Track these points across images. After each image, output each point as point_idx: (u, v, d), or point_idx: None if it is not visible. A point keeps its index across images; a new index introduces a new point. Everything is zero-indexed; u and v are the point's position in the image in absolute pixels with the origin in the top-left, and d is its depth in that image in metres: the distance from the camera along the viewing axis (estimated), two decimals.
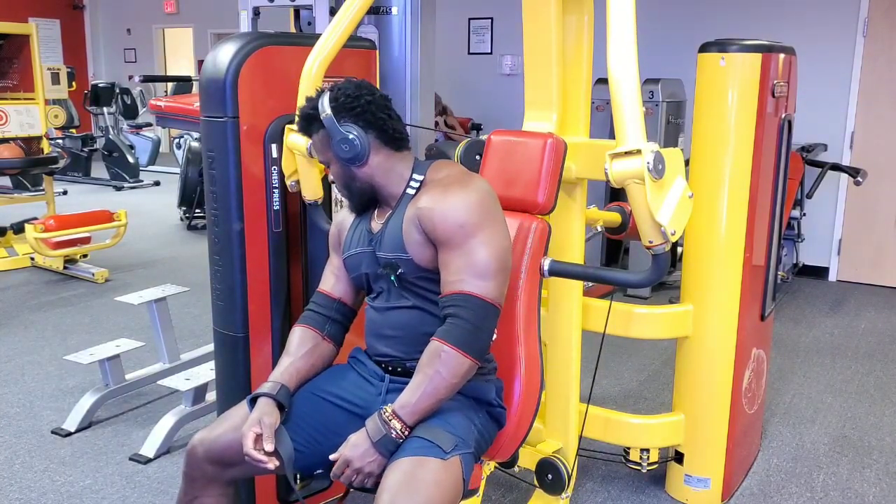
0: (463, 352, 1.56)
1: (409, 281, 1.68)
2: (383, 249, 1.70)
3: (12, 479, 2.70)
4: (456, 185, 1.64)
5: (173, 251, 6.17)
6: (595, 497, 2.65)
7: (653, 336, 2.92)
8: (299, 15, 3.75)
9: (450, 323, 1.58)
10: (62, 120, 5.83)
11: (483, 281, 1.58)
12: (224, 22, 9.52)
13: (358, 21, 2.11)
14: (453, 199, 1.61)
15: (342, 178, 1.72)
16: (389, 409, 1.56)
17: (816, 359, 4.04)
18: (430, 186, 1.68)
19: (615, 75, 1.53)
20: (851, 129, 5.49)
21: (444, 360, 1.55)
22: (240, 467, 1.70)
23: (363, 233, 1.77)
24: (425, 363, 1.57)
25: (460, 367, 1.56)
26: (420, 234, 1.64)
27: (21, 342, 4.03)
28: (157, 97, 6.48)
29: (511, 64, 6.97)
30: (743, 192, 2.40)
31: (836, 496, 2.68)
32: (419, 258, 1.65)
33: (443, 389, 1.56)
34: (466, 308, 1.57)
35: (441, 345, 1.56)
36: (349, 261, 1.79)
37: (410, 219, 1.65)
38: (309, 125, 1.71)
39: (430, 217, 1.61)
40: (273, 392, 1.67)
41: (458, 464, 1.55)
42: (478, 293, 1.57)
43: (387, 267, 1.69)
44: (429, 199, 1.63)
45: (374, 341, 1.78)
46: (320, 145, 1.71)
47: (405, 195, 1.71)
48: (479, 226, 1.59)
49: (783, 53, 2.45)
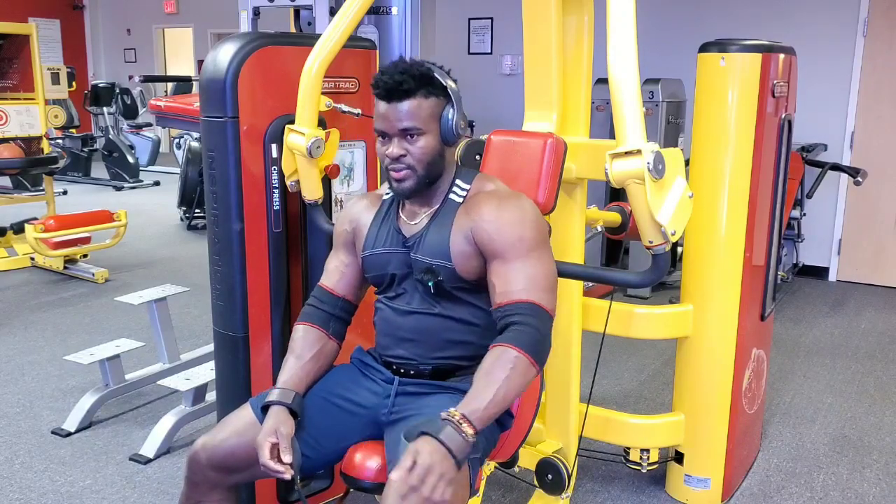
0: (531, 358, 1.52)
1: (446, 289, 1.66)
2: (422, 253, 1.66)
3: (12, 479, 2.70)
4: (512, 200, 1.65)
5: (173, 251, 6.17)
6: (595, 497, 2.65)
7: (653, 336, 2.92)
8: (299, 15, 3.75)
9: (517, 330, 1.54)
10: (62, 120, 5.83)
11: (546, 293, 1.59)
12: (224, 22, 9.51)
13: (358, 21, 2.11)
14: (512, 213, 1.62)
15: (432, 153, 1.63)
16: (457, 413, 1.44)
17: (816, 359, 4.04)
18: (482, 199, 1.66)
19: (615, 75, 1.53)
20: (851, 129, 5.49)
21: (515, 366, 1.50)
22: (243, 473, 1.69)
23: (392, 232, 1.73)
24: (494, 368, 1.50)
25: (529, 374, 1.53)
26: (470, 245, 1.63)
27: (21, 342, 4.03)
28: (157, 97, 6.47)
29: (511, 64, 6.97)
30: (743, 192, 2.40)
31: (836, 496, 2.68)
32: (462, 268, 1.64)
33: (511, 396, 1.50)
34: (535, 317, 1.55)
35: (511, 350, 1.51)
36: (372, 259, 1.74)
37: (461, 229, 1.64)
38: (419, 87, 1.59)
39: (487, 230, 1.61)
40: (287, 400, 1.64)
41: (465, 469, 1.52)
42: (542, 303, 1.57)
43: (427, 272, 1.65)
44: (486, 213, 1.62)
45: (389, 341, 1.75)
46: (423, 111, 1.60)
47: (448, 200, 1.69)
48: (537, 242, 1.62)
49: (783, 53, 2.45)
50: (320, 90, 2.07)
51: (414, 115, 1.60)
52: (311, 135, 2.03)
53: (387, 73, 1.59)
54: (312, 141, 2.03)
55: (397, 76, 1.58)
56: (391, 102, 1.60)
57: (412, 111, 1.60)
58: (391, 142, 1.62)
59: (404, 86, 1.58)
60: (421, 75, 1.60)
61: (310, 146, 2.02)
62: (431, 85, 1.61)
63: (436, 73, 1.63)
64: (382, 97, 1.61)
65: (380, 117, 1.63)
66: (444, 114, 1.63)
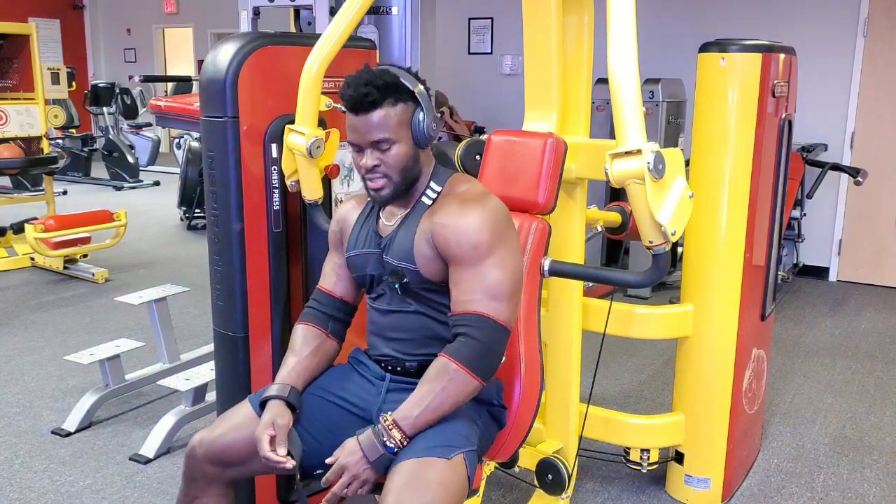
0: (472, 373, 1.55)
1: (413, 290, 1.68)
2: (391, 255, 1.68)
3: (12, 479, 2.70)
4: (472, 204, 1.62)
5: (173, 251, 6.17)
6: (595, 497, 2.65)
7: (653, 336, 2.92)
8: (299, 15, 3.76)
9: (461, 342, 1.56)
10: (62, 120, 5.83)
11: (497, 303, 1.57)
12: (224, 22, 9.51)
13: (358, 21, 2.11)
14: (469, 218, 1.59)
15: (406, 160, 1.62)
16: (390, 418, 1.54)
17: (816, 359, 4.04)
18: (446, 202, 1.65)
19: (615, 75, 1.53)
20: (851, 129, 5.49)
21: (452, 378, 1.55)
22: (240, 467, 1.70)
23: (370, 233, 1.75)
24: (432, 377, 1.56)
25: (467, 387, 1.56)
26: (431, 249, 1.63)
27: (21, 342, 4.03)
28: (157, 97, 6.47)
29: (511, 64, 6.97)
30: (743, 192, 2.40)
31: (837, 496, 2.68)
32: (426, 271, 1.64)
33: (446, 406, 1.56)
34: (479, 329, 1.56)
35: (450, 363, 1.55)
36: (353, 260, 1.77)
37: (423, 232, 1.64)
38: (385, 96, 1.57)
39: (444, 234, 1.60)
40: (283, 394, 1.66)
41: (462, 462, 1.55)
42: (491, 315, 1.57)
43: (392, 274, 1.67)
44: (445, 216, 1.62)
45: (376, 340, 1.78)
46: (392, 120, 1.58)
47: (420, 202, 1.69)
48: (494, 247, 1.58)
49: (783, 53, 2.45)
50: (320, 90, 2.07)
51: (383, 125, 1.58)
52: (311, 135, 2.03)
53: (351, 86, 1.58)
54: (312, 141, 2.03)
55: (362, 88, 1.56)
56: (359, 115, 1.58)
57: (381, 122, 1.58)
58: (364, 153, 1.62)
59: (370, 97, 1.56)
60: (386, 84, 1.57)
61: (310, 146, 2.02)
62: (398, 92, 1.59)
63: (402, 78, 1.60)
64: (350, 110, 1.59)
65: (350, 129, 1.62)
66: (413, 119, 1.61)
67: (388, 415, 1.55)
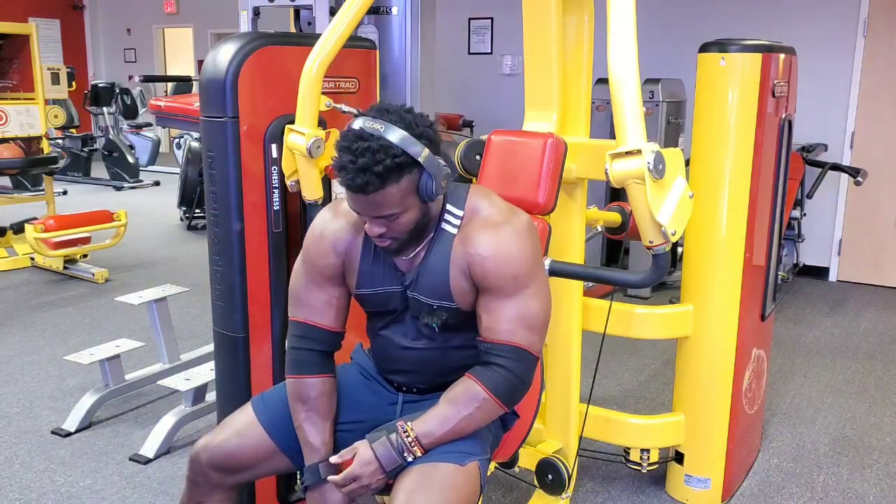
0: (502, 403, 1.54)
1: (451, 326, 1.61)
2: (421, 292, 1.58)
3: (12, 479, 2.70)
4: (505, 228, 1.54)
5: (173, 251, 6.17)
6: (595, 497, 2.65)
7: (653, 336, 2.92)
8: (299, 15, 3.75)
9: (496, 371, 1.53)
10: (62, 120, 5.82)
11: (532, 334, 1.55)
12: (224, 22, 9.50)
13: (358, 21, 2.11)
14: (507, 246, 1.52)
15: (408, 224, 1.50)
16: (413, 433, 1.50)
17: (816, 359, 4.04)
18: (477, 228, 1.55)
19: (615, 75, 1.53)
20: (851, 129, 5.49)
21: (481, 406, 1.53)
22: (244, 473, 1.70)
23: (389, 269, 1.61)
24: (461, 401, 1.52)
25: (493, 414, 1.56)
26: (468, 280, 1.55)
27: (21, 342, 4.02)
28: (157, 97, 6.47)
29: (511, 64, 6.97)
30: (743, 192, 2.40)
31: (837, 496, 2.68)
32: (463, 304, 1.58)
33: (469, 430, 1.54)
34: (515, 361, 1.53)
35: (482, 392, 1.52)
36: (370, 297, 1.64)
37: (458, 264, 1.55)
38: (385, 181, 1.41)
39: (482, 266, 1.52)
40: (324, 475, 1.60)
41: (475, 469, 1.53)
42: (527, 346, 1.54)
43: (430, 314, 1.59)
44: (482, 247, 1.52)
45: (387, 367, 1.73)
46: (395, 197, 1.44)
47: (441, 231, 1.58)
48: (532, 277, 1.55)
49: (783, 53, 2.45)
50: (320, 90, 2.07)
51: (387, 204, 1.45)
52: (311, 135, 2.03)
53: (348, 170, 1.40)
54: (312, 141, 2.03)
55: (359, 178, 1.39)
56: (358, 195, 1.43)
57: (384, 201, 1.44)
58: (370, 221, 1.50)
59: (370, 188, 1.41)
60: (386, 169, 1.40)
61: (310, 146, 2.02)
62: (400, 169, 1.42)
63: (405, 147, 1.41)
64: (350, 189, 1.43)
65: (351, 200, 1.48)
66: (420, 184, 1.46)
67: (409, 426, 1.50)
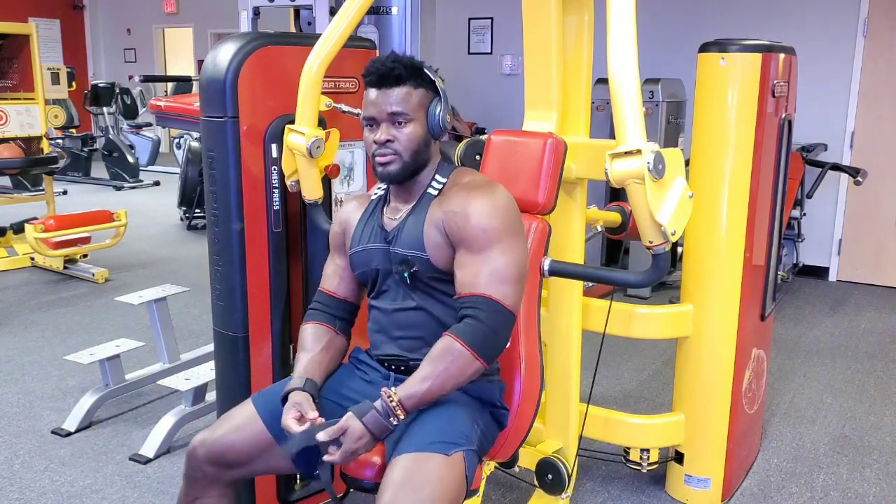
0: (475, 353, 1.56)
1: (422, 280, 1.68)
2: (400, 245, 1.69)
3: (12, 478, 2.70)
4: (481, 190, 1.66)
5: (173, 251, 6.17)
6: (595, 497, 2.65)
7: (653, 336, 2.92)
8: (299, 15, 3.76)
9: (466, 323, 1.58)
10: (62, 120, 5.82)
11: (503, 286, 1.59)
12: (224, 22, 9.51)
13: (358, 21, 2.11)
14: (478, 203, 1.63)
15: (418, 141, 1.67)
16: (395, 396, 1.54)
17: (816, 359, 4.04)
18: (454, 191, 1.69)
19: (615, 75, 1.53)
20: (851, 129, 5.49)
21: (455, 358, 1.55)
22: (241, 469, 1.71)
23: (375, 229, 1.76)
24: (436, 357, 1.57)
25: (469, 368, 1.57)
26: (442, 236, 1.65)
27: (21, 342, 4.02)
28: (157, 97, 6.47)
29: (511, 64, 6.97)
30: (743, 192, 2.40)
31: (836, 496, 2.68)
32: (436, 259, 1.66)
33: (448, 386, 1.57)
34: (485, 311, 1.57)
35: (454, 342, 1.56)
36: (357, 256, 1.78)
37: (433, 220, 1.66)
38: (409, 76, 1.65)
39: (454, 220, 1.63)
40: (301, 385, 1.67)
41: (461, 460, 1.55)
42: (497, 297, 1.58)
43: (402, 264, 1.68)
44: (454, 203, 1.65)
45: (380, 339, 1.78)
46: (412, 99, 1.65)
47: (426, 194, 1.72)
48: (502, 233, 1.62)
49: (783, 53, 2.45)
50: (320, 90, 2.07)
51: (403, 101, 1.64)
52: (311, 135, 2.03)
53: (378, 61, 1.65)
54: (312, 141, 2.03)
55: (389, 63, 1.63)
56: (381, 88, 1.65)
57: (402, 98, 1.64)
58: (379, 128, 1.67)
59: (395, 72, 1.63)
60: (412, 65, 1.65)
61: (310, 146, 2.02)
62: (421, 77, 1.66)
63: (425, 68, 1.67)
64: (374, 84, 1.65)
65: (369, 104, 1.67)
66: (431, 106, 1.68)
67: (392, 390, 1.55)
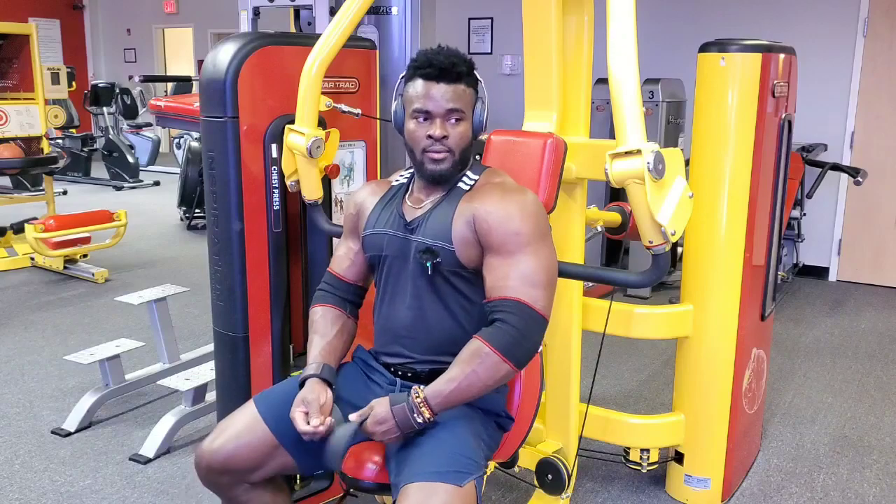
0: (505, 357, 1.55)
1: (442, 274, 1.66)
2: (424, 235, 1.67)
3: (12, 479, 2.70)
4: (515, 194, 1.66)
5: (173, 251, 6.17)
6: (595, 497, 2.65)
7: (653, 336, 2.92)
8: (299, 15, 3.75)
9: (497, 327, 1.57)
10: (62, 120, 5.82)
11: (535, 290, 1.58)
12: (224, 22, 9.51)
13: (358, 21, 2.11)
14: (512, 206, 1.63)
15: (467, 140, 1.69)
16: (422, 394, 1.54)
17: (816, 359, 4.04)
18: (487, 189, 1.68)
19: (615, 75, 1.53)
20: (851, 129, 5.49)
21: (483, 361, 1.54)
22: (253, 472, 1.67)
23: (394, 215, 1.74)
24: (464, 359, 1.56)
25: (498, 372, 1.55)
26: (471, 232, 1.64)
27: (21, 342, 4.02)
28: (157, 97, 6.47)
29: (511, 64, 6.97)
30: (743, 192, 2.40)
31: (836, 496, 2.68)
32: (461, 253, 1.64)
33: (475, 389, 1.56)
34: (516, 315, 1.56)
35: (484, 346, 1.55)
36: (371, 238, 1.76)
37: (464, 215, 1.65)
38: (468, 73, 1.67)
39: (486, 220, 1.62)
40: (318, 372, 1.67)
41: (472, 488, 1.51)
42: (529, 301, 1.57)
43: (426, 252, 1.65)
44: (489, 203, 1.64)
45: (387, 340, 1.75)
46: (467, 97, 1.67)
47: (456, 188, 1.71)
48: (533, 237, 1.62)
49: (783, 53, 2.45)
50: (320, 90, 2.07)
51: (461, 98, 1.65)
52: (311, 135, 2.03)
53: (441, 54, 1.64)
54: (312, 141, 2.03)
55: (452, 58, 1.63)
56: (440, 83, 1.63)
57: (460, 95, 1.65)
58: (434, 123, 1.65)
59: (457, 68, 1.63)
60: (470, 64, 1.67)
61: (310, 146, 2.02)
62: (473, 76, 1.68)
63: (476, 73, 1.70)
64: (432, 77, 1.63)
65: (423, 97, 1.64)
66: (476, 106, 1.70)
67: (420, 389, 1.55)
